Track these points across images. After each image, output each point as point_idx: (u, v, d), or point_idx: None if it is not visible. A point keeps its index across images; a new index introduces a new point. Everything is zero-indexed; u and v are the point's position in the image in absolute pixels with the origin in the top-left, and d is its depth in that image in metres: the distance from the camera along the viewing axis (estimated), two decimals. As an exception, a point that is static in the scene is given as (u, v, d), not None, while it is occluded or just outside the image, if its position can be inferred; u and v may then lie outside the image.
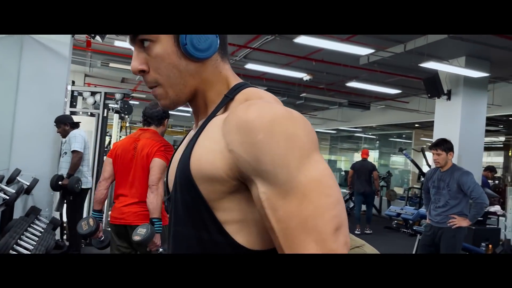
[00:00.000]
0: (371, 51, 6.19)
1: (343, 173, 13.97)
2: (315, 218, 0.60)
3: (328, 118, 13.65)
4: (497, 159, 16.45)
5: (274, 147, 0.61)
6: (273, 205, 0.61)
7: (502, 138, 15.47)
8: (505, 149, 15.81)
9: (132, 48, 0.77)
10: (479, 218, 3.86)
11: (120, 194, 2.61)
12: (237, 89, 0.75)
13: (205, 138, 0.70)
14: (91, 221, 2.46)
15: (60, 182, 4.20)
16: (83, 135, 4.44)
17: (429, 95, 7.00)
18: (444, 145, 3.55)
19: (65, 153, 4.41)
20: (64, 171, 4.35)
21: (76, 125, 4.51)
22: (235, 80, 0.78)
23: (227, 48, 0.80)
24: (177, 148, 0.92)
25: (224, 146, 0.65)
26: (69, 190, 4.22)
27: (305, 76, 7.57)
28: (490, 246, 5.97)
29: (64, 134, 4.44)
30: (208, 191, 0.67)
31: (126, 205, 2.57)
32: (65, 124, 4.39)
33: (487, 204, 3.51)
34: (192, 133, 0.85)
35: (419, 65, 6.16)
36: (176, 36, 0.72)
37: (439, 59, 6.32)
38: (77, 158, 4.30)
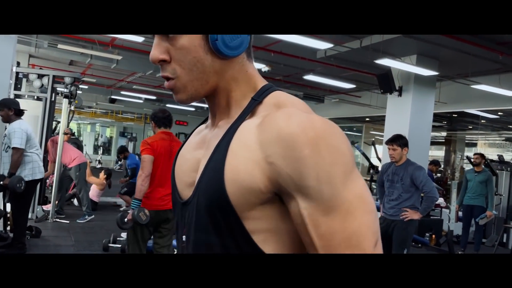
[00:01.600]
0: (330, 45, 6.29)
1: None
2: (359, 235, 0.59)
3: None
4: (437, 153, 17.45)
5: (320, 163, 0.59)
6: (315, 221, 0.60)
7: (444, 133, 16.40)
8: (447, 144, 16.77)
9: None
10: (426, 210, 4.07)
11: (159, 186, 3.17)
12: (264, 91, 0.72)
13: (240, 146, 0.65)
14: (146, 212, 3.00)
15: (0, 182, 3.89)
16: (24, 128, 4.03)
17: (382, 90, 7.25)
18: (400, 141, 3.69)
19: (8, 147, 4.06)
20: (7, 166, 4.03)
21: (20, 113, 4.14)
22: (261, 81, 0.75)
23: (252, 47, 0.76)
24: (183, 145, 0.86)
25: (263, 157, 0.62)
26: (11, 191, 3.94)
27: (264, 67, 7.57)
28: (434, 236, 6.34)
29: (6, 119, 4.10)
30: (240, 201, 0.64)
31: (166, 195, 3.16)
32: (9, 109, 4.06)
33: (437, 198, 3.70)
34: (207, 132, 0.80)
35: (374, 61, 6.35)
36: None
37: (393, 56, 6.55)
38: (17, 155, 3.95)
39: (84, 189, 6.31)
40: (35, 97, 5.94)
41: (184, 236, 0.74)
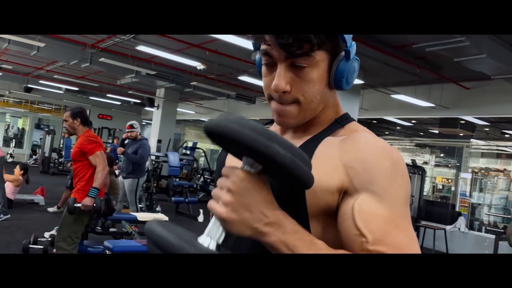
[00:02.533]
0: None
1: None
2: (402, 222, 0.66)
3: (214, 108, 13.77)
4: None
5: (393, 180, 0.67)
6: (363, 208, 0.66)
7: (363, 138, 17.46)
8: (365, 148, 17.90)
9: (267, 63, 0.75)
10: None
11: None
12: (346, 119, 0.80)
13: (324, 153, 0.72)
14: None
15: None
16: None
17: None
18: None
19: None
20: None
21: None
22: (341, 109, 0.83)
23: None
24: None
25: (345, 161, 0.69)
26: None
27: (199, 65, 7.51)
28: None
29: None
30: (312, 202, 0.69)
31: None
32: None
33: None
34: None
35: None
36: (329, 63, 0.73)
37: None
38: None
39: (0, 186, 5.79)
40: None
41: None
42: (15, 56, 10.57)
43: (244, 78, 8.69)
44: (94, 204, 3.23)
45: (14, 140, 17.44)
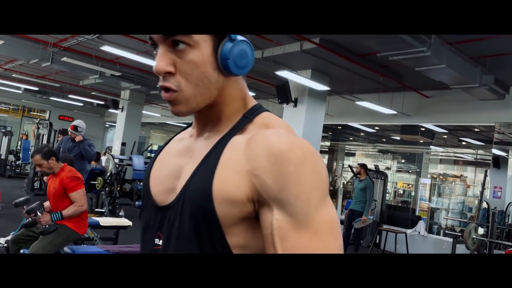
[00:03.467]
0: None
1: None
2: (317, 230, 0.63)
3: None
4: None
5: (302, 183, 0.63)
6: (283, 234, 0.63)
7: (328, 143, 17.82)
8: (330, 153, 18.23)
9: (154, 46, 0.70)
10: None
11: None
12: (255, 111, 0.76)
13: (229, 159, 0.68)
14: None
15: None
16: None
17: (279, 100, 7.63)
18: None
19: None
20: None
21: None
22: (252, 100, 0.79)
23: None
24: (161, 151, 0.85)
25: (249, 169, 0.65)
26: None
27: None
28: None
29: None
30: (224, 214, 0.66)
31: None
32: None
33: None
34: (191, 141, 0.79)
35: (275, 72, 6.66)
36: (215, 46, 0.70)
37: (291, 69, 6.96)
38: None
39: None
40: None
41: (157, 240, 0.74)
42: (-31, 53, 10.07)
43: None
44: (47, 226, 3.26)
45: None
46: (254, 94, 10.02)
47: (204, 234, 0.68)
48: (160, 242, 0.74)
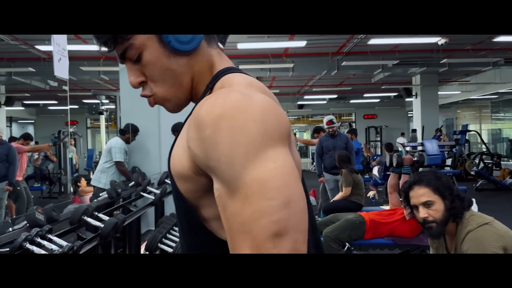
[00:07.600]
0: None
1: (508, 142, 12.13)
2: (251, 222, 0.54)
3: (483, 82, 11.96)
4: None
5: (219, 144, 0.57)
6: (223, 203, 0.58)
7: None
8: None
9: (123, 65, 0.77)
10: None
11: None
12: (217, 76, 0.71)
13: (181, 135, 0.68)
14: None
15: None
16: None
17: None
18: None
19: None
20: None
21: None
22: (220, 65, 0.73)
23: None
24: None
25: (186, 143, 0.63)
26: None
27: (439, 40, 6.79)
28: None
29: None
30: (183, 189, 0.66)
31: None
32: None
33: None
34: None
35: None
36: (159, 37, 0.69)
37: None
38: None
39: None
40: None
41: None
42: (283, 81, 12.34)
43: (506, 38, 7.23)
44: None
45: None
46: None
47: (181, 214, 0.69)
48: None
